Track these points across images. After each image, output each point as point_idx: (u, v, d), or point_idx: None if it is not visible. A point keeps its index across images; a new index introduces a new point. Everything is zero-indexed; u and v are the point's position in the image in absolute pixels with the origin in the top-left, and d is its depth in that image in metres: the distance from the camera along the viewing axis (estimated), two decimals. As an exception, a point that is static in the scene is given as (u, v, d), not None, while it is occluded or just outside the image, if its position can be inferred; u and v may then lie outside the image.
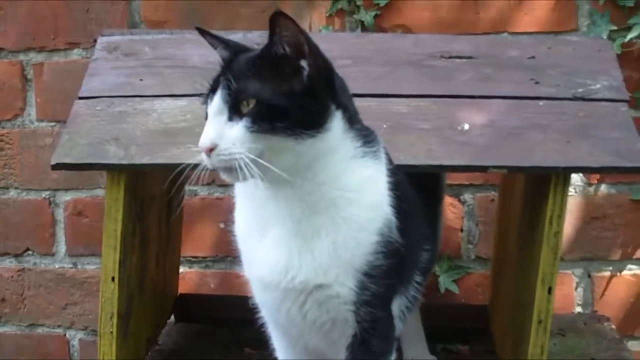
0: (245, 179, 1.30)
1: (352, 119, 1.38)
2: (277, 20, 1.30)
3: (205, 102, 1.36)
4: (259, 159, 1.29)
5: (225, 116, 1.31)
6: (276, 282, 1.40)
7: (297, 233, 1.37)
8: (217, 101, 1.32)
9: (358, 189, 1.37)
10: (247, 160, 1.29)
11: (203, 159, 1.32)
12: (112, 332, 1.63)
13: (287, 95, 1.31)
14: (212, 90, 1.35)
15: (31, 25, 2.30)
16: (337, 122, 1.35)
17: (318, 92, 1.33)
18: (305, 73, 1.32)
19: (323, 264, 1.37)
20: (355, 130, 1.38)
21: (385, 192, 1.41)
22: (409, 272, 1.53)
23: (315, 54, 1.33)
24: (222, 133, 1.30)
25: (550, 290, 1.55)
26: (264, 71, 1.32)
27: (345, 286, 1.39)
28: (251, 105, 1.30)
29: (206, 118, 1.35)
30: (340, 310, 1.40)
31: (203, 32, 1.45)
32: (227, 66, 1.37)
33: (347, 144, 1.37)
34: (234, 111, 1.31)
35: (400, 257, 1.42)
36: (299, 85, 1.32)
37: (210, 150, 1.30)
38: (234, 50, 1.41)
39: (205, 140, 1.31)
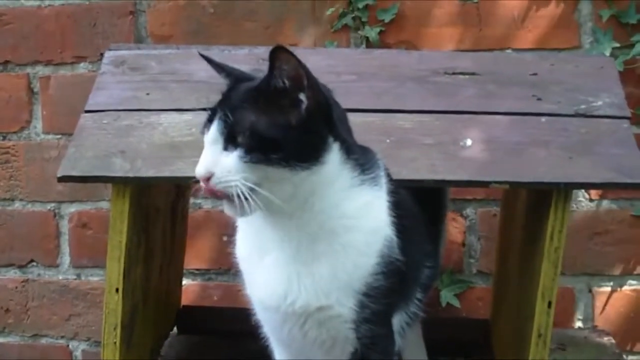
0: (244, 212, 1.32)
1: (350, 150, 1.39)
2: (278, 54, 1.31)
3: (203, 132, 1.37)
4: (256, 187, 1.31)
5: (220, 145, 1.33)
6: (276, 305, 1.42)
7: (296, 258, 1.39)
8: (213, 131, 1.34)
9: (356, 216, 1.39)
10: (242, 188, 1.30)
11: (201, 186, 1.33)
12: (115, 343, 1.64)
13: (283, 127, 1.32)
14: (210, 120, 1.36)
15: (38, 38, 2.32)
16: (334, 154, 1.36)
17: (315, 125, 1.34)
18: (304, 106, 1.33)
19: (323, 287, 1.39)
20: (352, 161, 1.39)
21: (385, 214, 1.42)
22: (410, 289, 1.54)
23: (315, 88, 1.34)
24: (217, 162, 1.32)
25: (550, 305, 1.57)
26: (261, 103, 1.33)
27: (345, 306, 1.40)
28: (246, 136, 1.31)
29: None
30: (341, 328, 1.42)
31: (206, 59, 1.47)
32: (226, 95, 1.39)
33: (345, 174, 1.38)
34: (229, 141, 1.32)
35: (402, 275, 1.44)
36: (296, 118, 1.33)
37: (207, 179, 1.32)
38: (234, 79, 1.43)
39: (200, 168, 1.33)
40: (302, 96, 1.33)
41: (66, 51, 2.32)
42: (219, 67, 1.46)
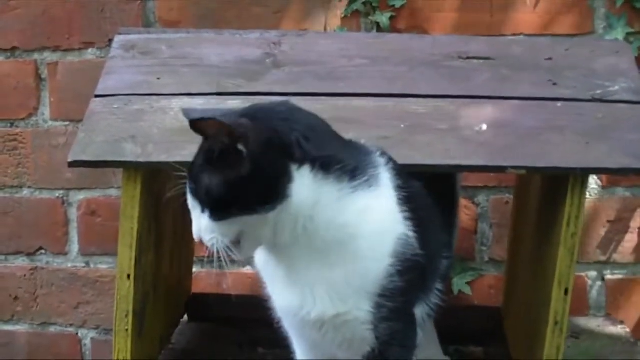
0: (243, 257, 1.38)
1: (328, 163, 1.35)
2: (198, 127, 1.34)
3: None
4: (237, 240, 1.35)
5: (199, 209, 1.36)
6: (293, 314, 1.42)
7: (308, 271, 1.38)
8: (189, 197, 1.37)
9: (356, 224, 1.36)
10: (222, 245, 1.34)
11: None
12: (127, 330, 1.63)
13: (235, 181, 1.32)
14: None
15: (46, 24, 2.30)
16: (303, 180, 1.33)
17: (269, 166, 1.33)
18: (245, 155, 1.32)
19: (338, 295, 1.38)
20: (336, 172, 1.35)
21: (390, 214, 1.40)
22: (430, 281, 1.53)
23: (249, 134, 1.32)
24: (201, 225, 1.36)
25: (567, 292, 1.55)
26: (213, 163, 1.34)
27: (362, 310, 1.39)
28: (206, 198, 1.34)
29: None
30: (358, 330, 1.41)
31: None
32: (193, 161, 1.39)
33: (327, 190, 1.35)
34: (200, 204, 1.35)
35: (420, 269, 1.42)
36: (245, 168, 1.32)
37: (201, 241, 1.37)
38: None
39: (194, 234, 1.38)
40: (240, 146, 1.32)
41: (74, 37, 2.30)
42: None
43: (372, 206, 1.38)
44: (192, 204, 1.37)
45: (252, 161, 1.31)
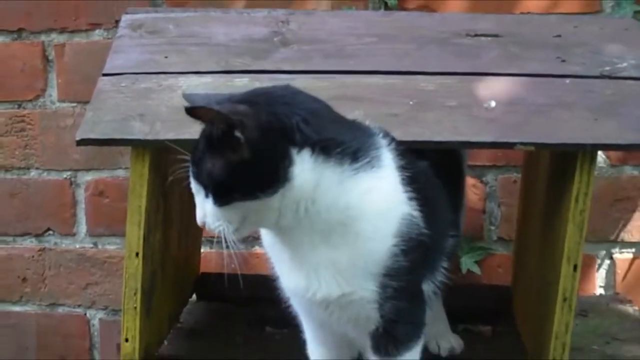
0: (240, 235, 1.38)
1: (329, 147, 1.35)
2: (196, 115, 1.35)
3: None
4: (240, 225, 1.35)
5: (203, 194, 1.36)
6: (300, 295, 1.44)
7: (313, 253, 1.38)
8: (193, 182, 1.38)
9: (359, 205, 1.36)
10: (227, 230, 1.35)
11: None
12: (136, 308, 1.63)
13: (236, 166, 1.32)
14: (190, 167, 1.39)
15: (53, 6, 2.30)
16: (303, 164, 1.33)
17: (268, 150, 1.32)
18: (242, 140, 1.31)
19: (342, 276, 1.39)
20: (337, 155, 1.35)
21: (394, 194, 1.40)
22: (436, 259, 1.53)
23: (245, 120, 1.31)
24: (205, 209, 1.37)
25: (575, 268, 1.55)
26: (215, 147, 1.34)
27: (367, 290, 1.40)
28: (209, 183, 1.34)
29: None
30: (364, 309, 1.42)
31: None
32: (195, 146, 1.38)
33: (329, 172, 1.34)
34: (205, 189, 1.35)
35: (426, 248, 1.43)
36: (245, 153, 1.31)
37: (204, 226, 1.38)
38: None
39: (197, 219, 1.39)
40: (237, 133, 1.31)
41: (81, 18, 2.30)
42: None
43: (374, 187, 1.37)
44: (195, 188, 1.37)
45: (250, 147, 1.31)
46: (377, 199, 1.38)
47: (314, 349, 1.56)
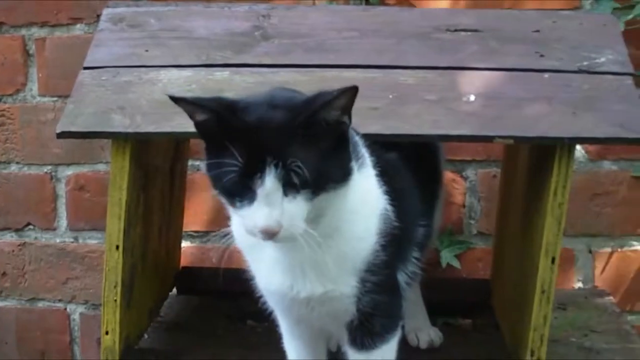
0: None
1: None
2: (352, 95, 1.28)
3: (246, 183, 1.26)
4: (309, 223, 1.29)
5: (280, 193, 1.26)
6: (282, 295, 1.43)
7: (301, 253, 1.35)
8: (271, 181, 1.25)
9: (358, 209, 1.37)
10: (301, 231, 1.28)
11: (254, 233, 1.28)
12: (115, 301, 1.64)
13: (331, 154, 1.28)
14: (256, 171, 1.25)
15: (34, 0, 2.29)
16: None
17: (346, 139, 1.31)
18: (346, 126, 1.30)
19: (327, 276, 1.39)
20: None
21: (377, 191, 1.41)
22: (406, 249, 1.54)
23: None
24: (283, 211, 1.26)
25: (553, 261, 1.57)
26: (309, 137, 1.26)
27: (348, 285, 1.41)
28: (308, 176, 1.25)
29: (238, 198, 1.29)
30: (342, 303, 1.43)
31: (178, 100, 1.34)
32: (259, 140, 1.26)
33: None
34: (289, 185, 1.26)
35: (398, 239, 1.44)
36: (342, 139, 1.30)
37: (273, 233, 1.27)
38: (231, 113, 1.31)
39: (271, 222, 1.26)
40: (345, 118, 1.29)
41: (62, 12, 2.29)
42: (200, 107, 1.32)
43: (369, 188, 1.39)
44: (273, 187, 1.25)
45: (346, 131, 1.30)
46: (369, 200, 1.40)
47: (290, 343, 1.57)
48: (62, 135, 1.60)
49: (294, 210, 1.26)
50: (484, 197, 2.23)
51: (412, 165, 1.54)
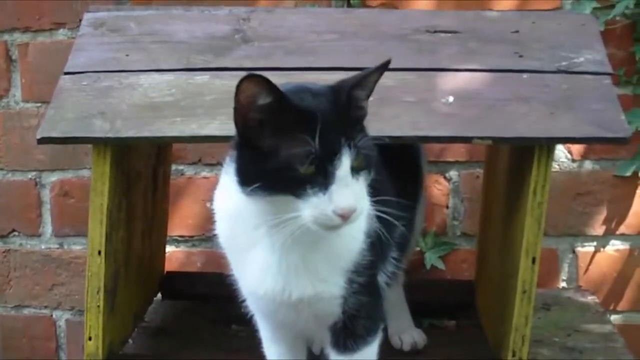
0: None
1: None
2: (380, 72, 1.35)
3: (325, 165, 1.27)
4: None
5: (350, 175, 1.28)
6: (271, 298, 1.42)
7: (294, 255, 1.37)
8: (346, 162, 1.27)
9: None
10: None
11: (334, 220, 1.27)
12: (98, 307, 1.64)
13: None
14: (334, 152, 1.26)
15: (16, 5, 2.29)
16: None
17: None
18: (365, 114, 1.35)
19: (319, 276, 1.40)
20: None
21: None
22: (386, 250, 1.54)
23: None
24: (356, 192, 1.29)
25: (534, 261, 1.57)
26: (356, 119, 1.33)
27: (337, 286, 1.41)
28: (369, 158, 1.30)
29: (308, 182, 1.27)
30: (329, 304, 1.43)
31: (249, 77, 1.30)
32: (329, 123, 1.27)
33: None
34: (354, 166, 1.29)
35: (380, 241, 1.44)
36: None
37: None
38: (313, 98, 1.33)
39: (352, 202, 1.27)
40: (366, 105, 1.35)
41: (44, 17, 2.29)
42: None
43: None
44: (347, 169, 1.27)
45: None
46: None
47: (270, 348, 1.57)
48: (43, 140, 1.60)
49: (361, 190, 1.30)
50: (467, 198, 2.24)
51: (393, 166, 1.55)
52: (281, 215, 1.28)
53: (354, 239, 1.40)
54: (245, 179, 1.29)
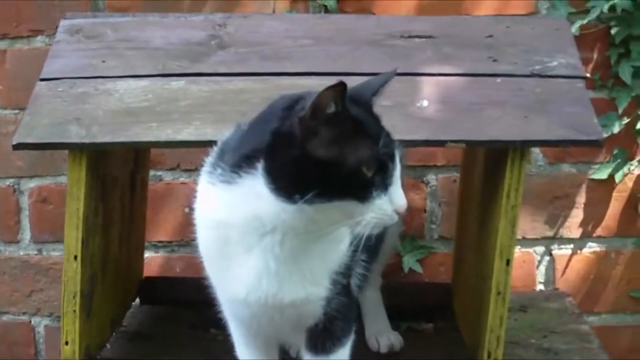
0: None
1: None
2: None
3: (386, 166, 1.30)
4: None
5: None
6: (262, 303, 1.40)
7: (286, 257, 1.36)
8: (398, 162, 1.32)
9: None
10: None
11: (394, 218, 1.31)
12: (75, 311, 1.64)
13: None
14: (391, 154, 1.31)
15: (-7, 12, 2.29)
16: None
17: None
18: None
19: (311, 279, 1.40)
20: None
21: None
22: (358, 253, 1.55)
23: None
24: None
25: (508, 262, 1.58)
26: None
27: (324, 287, 1.42)
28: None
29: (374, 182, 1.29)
30: (313, 306, 1.43)
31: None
32: (380, 126, 1.35)
33: None
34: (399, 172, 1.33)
35: (359, 242, 1.44)
36: None
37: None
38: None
39: (406, 200, 1.32)
40: None
41: (22, 24, 2.29)
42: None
43: None
44: (399, 170, 1.33)
45: None
46: None
47: (244, 350, 1.56)
48: (19, 146, 1.61)
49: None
50: (444, 202, 2.25)
51: None
52: (341, 221, 1.30)
53: (340, 240, 1.40)
54: (295, 189, 1.27)
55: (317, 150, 1.27)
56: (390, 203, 1.29)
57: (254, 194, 1.30)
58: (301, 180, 1.27)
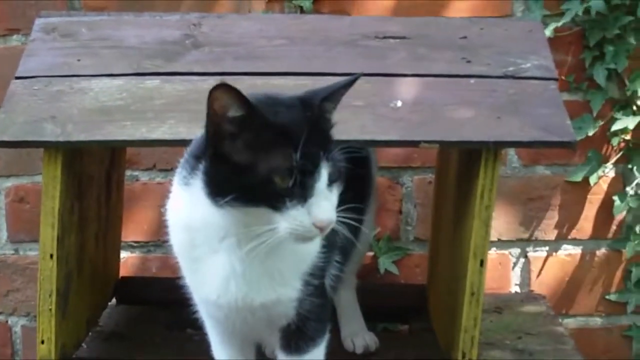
0: None
1: None
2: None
3: (297, 178, 1.26)
4: None
5: (327, 188, 1.29)
6: (233, 305, 1.41)
7: (260, 263, 1.36)
8: (324, 175, 1.28)
9: None
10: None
11: (312, 231, 1.28)
12: (51, 310, 1.64)
13: None
14: (316, 165, 1.27)
15: (-31, 11, 2.29)
16: None
17: None
18: (332, 126, 1.37)
19: (281, 281, 1.40)
20: None
21: None
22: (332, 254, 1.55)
23: None
24: (333, 205, 1.30)
25: (482, 263, 1.59)
26: (328, 132, 1.35)
27: (295, 289, 1.42)
28: (340, 169, 1.31)
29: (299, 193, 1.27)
30: (286, 307, 1.44)
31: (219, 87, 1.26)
32: (308, 136, 1.27)
33: None
34: (336, 179, 1.31)
35: (333, 243, 1.46)
36: None
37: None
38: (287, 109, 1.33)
39: (332, 215, 1.28)
40: (332, 117, 1.38)
41: (-2, 23, 2.29)
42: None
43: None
44: (325, 181, 1.28)
45: None
46: None
47: (220, 350, 1.56)
48: (-7, 144, 1.61)
49: (335, 201, 1.30)
50: (420, 203, 2.26)
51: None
52: (256, 227, 1.27)
53: (314, 243, 1.40)
54: (218, 191, 1.28)
55: (231, 153, 1.27)
56: (309, 215, 1.27)
57: (203, 195, 1.31)
58: (222, 183, 1.28)
